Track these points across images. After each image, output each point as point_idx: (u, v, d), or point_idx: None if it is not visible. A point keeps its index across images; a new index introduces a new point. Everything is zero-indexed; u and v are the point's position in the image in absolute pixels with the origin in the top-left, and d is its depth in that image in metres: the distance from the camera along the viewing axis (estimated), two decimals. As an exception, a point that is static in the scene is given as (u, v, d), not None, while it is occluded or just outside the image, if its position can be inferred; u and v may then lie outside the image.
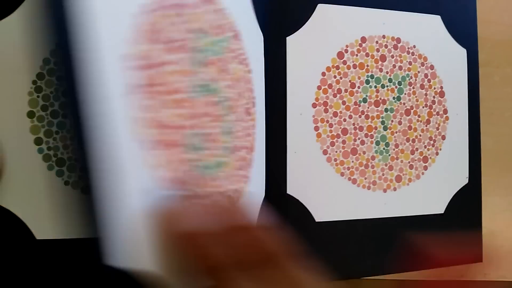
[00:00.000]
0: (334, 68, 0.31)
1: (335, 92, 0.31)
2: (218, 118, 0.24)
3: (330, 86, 0.31)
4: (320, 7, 0.31)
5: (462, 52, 0.35)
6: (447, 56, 0.35)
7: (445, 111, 0.35)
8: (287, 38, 0.30)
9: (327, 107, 0.31)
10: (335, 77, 0.31)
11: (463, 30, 0.35)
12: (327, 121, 0.31)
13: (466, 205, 0.35)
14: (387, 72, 0.33)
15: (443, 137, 0.35)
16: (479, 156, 0.36)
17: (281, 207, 0.30)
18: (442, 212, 0.35)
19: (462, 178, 0.35)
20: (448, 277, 0.40)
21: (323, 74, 0.31)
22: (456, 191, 0.35)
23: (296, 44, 0.30)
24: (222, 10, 0.25)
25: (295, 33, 0.30)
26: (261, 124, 0.29)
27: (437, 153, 0.35)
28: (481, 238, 0.36)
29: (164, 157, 0.22)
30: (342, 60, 0.31)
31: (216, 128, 0.24)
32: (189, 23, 0.24)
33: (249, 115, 0.27)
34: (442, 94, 0.35)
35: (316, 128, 0.31)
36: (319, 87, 0.31)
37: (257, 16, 0.29)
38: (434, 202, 0.35)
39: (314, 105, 0.31)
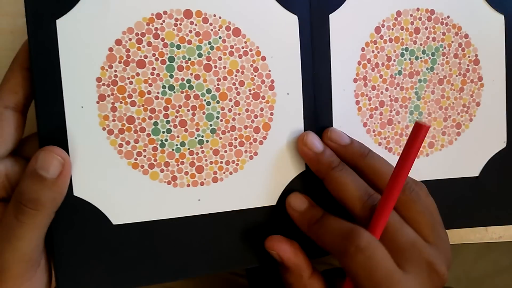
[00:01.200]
0: (372, 43, 0.32)
1: (373, 66, 0.33)
2: (198, 107, 0.29)
3: (369, 60, 0.33)
4: (359, -17, 0.32)
5: (499, 19, 0.36)
6: (482, 24, 0.35)
7: (480, 78, 0.36)
8: (330, 15, 0.31)
9: (366, 81, 0.33)
10: (373, 51, 0.33)
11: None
12: (367, 95, 0.33)
13: (504, 168, 0.37)
14: (420, 44, 0.34)
15: (478, 104, 0.36)
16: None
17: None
18: (477, 175, 0.36)
19: (499, 143, 0.37)
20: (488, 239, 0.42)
21: (363, 49, 0.32)
22: (492, 155, 0.36)
23: (338, 21, 0.31)
24: (210, 16, 0.29)
25: (337, 10, 0.31)
26: (292, 104, 0.31)
27: (471, 119, 0.36)
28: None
29: (129, 138, 0.28)
30: (379, 35, 0.33)
31: (195, 115, 0.29)
32: (166, 40, 0.28)
33: (258, 99, 0.30)
34: (476, 62, 0.36)
35: (357, 102, 0.32)
36: (359, 62, 0.32)
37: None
38: (468, 166, 0.36)
39: (355, 80, 0.32)
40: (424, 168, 0.35)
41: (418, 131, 0.25)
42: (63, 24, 0.27)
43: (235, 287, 0.60)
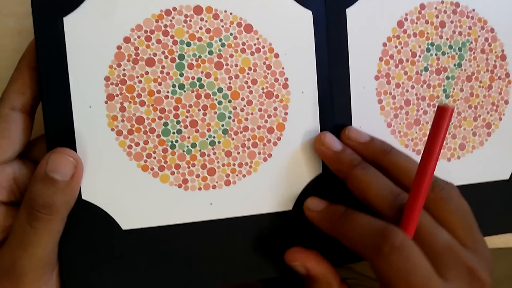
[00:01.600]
0: (395, 38, 0.31)
1: (397, 62, 0.31)
2: (209, 107, 0.28)
3: (391, 56, 0.31)
4: (378, -25, 0.30)
5: None
6: (508, 18, 0.33)
7: (507, 75, 0.34)
8: (347, 9, 0.29)
9: (390, 78, 0.31)
10: (396, 47, 0.31)
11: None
12: (390, 93, 0.31)
13: None
14: (447, 39, 0.32)
15: (506, 102, 0.34)
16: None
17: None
18: (508, 178, 0.34)
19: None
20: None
21: (384, 44, 0.31)
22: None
23: (356, 15, 0.30)
24: (221, 12, 0.28)
25: (355, 4, 0.30)
26: (307, 103, 0.29)
27: (500, 119, 0.34)
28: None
29: (139, 140, 0.27)
30: (402, 29, 0.31)
31: (206, 114, 0.28)
32: (175, 37, 0.27)
33: (272, 97, 0.29)
34: (503, 57, 0.33)
35: (380, 101, 0.31)
36: (380, 59, 0.31)
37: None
38: (499, 168, 0.34)
39: (376, 78, 0.31)
40: (456, 171, 0.33)
41: (442, 115, 0.24)
42: (70, 22, 0.26)
43: (247, 285, 0.59)
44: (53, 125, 0.26)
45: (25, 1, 0.30)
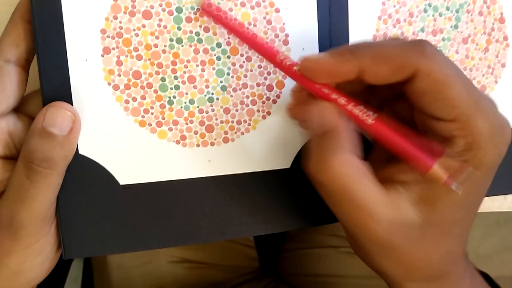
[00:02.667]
0: (394, -3, 0.30)
1: (395, 22, 0.31)
2: (207, 62, 0.28)
3: (390, 16, 0.31)
4: None
5: None
6: (509, -21, 0.33)
7: (505, 38, 0.34)
8: (347, -35, 0.29)
9: (387, 37, 0.31)
10: (394, 6, 0.31)
11: None
12: (387, 52, 0.31)
13: None
14: (444, 0, 0.32)
15: (503, 65, 0.34)
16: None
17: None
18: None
19: (525, 106, 0.35)
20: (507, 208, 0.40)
21: (383, 3, 0.30)
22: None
23: (357, -28, 0.29)
24: None
25: (355, -41, 0.29)
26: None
27: (496, 82, 0.34)
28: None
29: (136, 94, 0.27)
30: (401, -12, 0.31)
31: (205, 70, 0.27)
32: None
33: None
34: (502, 20, 0.33)
35: (377, 59, 0.31)
36: (379, 18, 0.30)
37: None
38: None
39: (374, 37, 0.30)
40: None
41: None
42: None
43: (245, 258, 0.59)
44: (48, 78, 0.26)
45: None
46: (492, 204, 0.42)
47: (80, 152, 0.27)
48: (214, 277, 0.56)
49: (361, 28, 0.30)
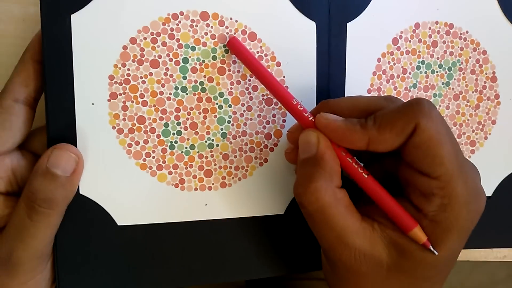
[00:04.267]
0: (389, 54, 0.32)
1: (388, 78, 0.32)
2: (210, 110, 0.29)
3: (384, 72, 0.32)
4: (378, -7, 0.31)
5: None
6: (502, 41, 0.35)
7: (497, 96, 0.35)
8: (348, 24, 0.31)
9: (380, 92, 0.32)
10: (389, 63, 0.32)
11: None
12: (381, 106, 0.32)
13: None
14: (437, 58, 0.33)
15: (493, 122, 0.35)
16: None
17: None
18: (490, 195, 0.35)
19: (513, 163, 0.36)
20: (492, 258, 0.41)
21: (379, 60, 0.32)
22: (506, 176, 0.36)
23: (355, 30, 0.31)
24: (227, 19, 0.29)
25: (355, 19, 0.31)
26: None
27: (485, 138, 0.35)
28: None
29: (139, 139, 0.28)
30: (396, 46, 0.32)
31: (207, 118, 0.29)
32: (181, 41, 0.28)
33: (271, 104, 0.30)
34: (494, 79, 0.35)
35: (371, 113, 0.32)
36: (374, 73, 0.32)
37: (317, 4, 0.29)
38: (482, 185, 0.35)
39: (369, 91, 0.32)
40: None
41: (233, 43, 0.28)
42: (78, 19, 0.26)
43: (231, 284, 0.59)
44: (55, 120, 0.27)
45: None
46: (479, 253, 0.43)
47: (81, 192, 0.27)
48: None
49: (357, 82, 0.31)
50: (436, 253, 0.24)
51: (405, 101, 0.25)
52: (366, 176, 0.25)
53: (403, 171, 0.26)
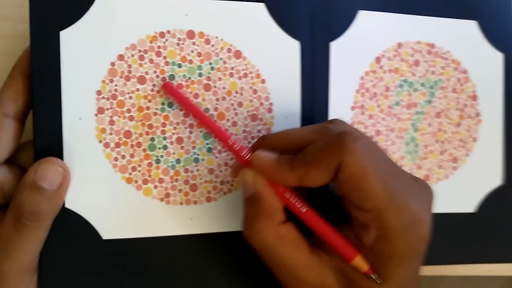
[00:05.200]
0: (372, 73, 0.33)
1: (371, 95, 0.33)
2: (195, 125, 0.30)
3: (367, 90, 0.33)
4: (361, 13, 0.33)
5: (498, 57, 0.36)
6: (482, 61, 0.36)
7: (478, 114, 0.36)
8: (331, 43, 0.31)
9: (363, 109, 0.33)
10: (372, 81, 0.33)
11: (500, 34, 0.36)
12: (363, 123, 0.33)
13: (500, 205, 0.37)
14: (420, 77, 0.34)
15: (475, 139, 0.36)
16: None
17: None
18: (473, 211, 0.36)
19: (496, 179, 0.37)
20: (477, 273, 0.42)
21: (362, 78, 0.33)
22: (488, 192, 0.36)
23: (339, 49, 0.32)
24: (212, 38, 0.30)
25: (339, 38, 0.32)
26: (291, 126, 0.31)
27: (467, 155, 0.36)
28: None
29: (125, 153, 0.28)
30: (379, 65, 0.33)
31: (192, 133, 0.29)
32: (167, 58, 0.29)
33: (256, 120, 0.31)
34: (474, 97, 0.36)
35: (354, 130, 0.33)
36: (357, 91, 0.33)
37: (301, 24, 0.30)
38: (464, 201, 0.36)
39: (352, 108, 0.33)
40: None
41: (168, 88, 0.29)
42: (66, 36, 0.27)
43: None
44: (42, 134, 0.27)
45: (20, 6, 0.31)
46: (462, 268, 0.43)
47: (66, 205, 0.28)
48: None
49: (341, 100, 0.32)
50: (379, 282, 0.25)
51: (336, 132, 0.26)
52: (304, 210, 0.26)
53: (343, 202, 0.26)
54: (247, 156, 0.27)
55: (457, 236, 0.36)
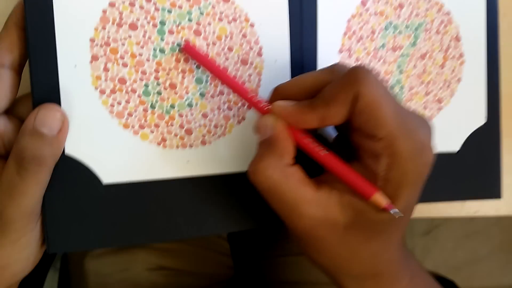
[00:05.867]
0: (358, 15, 0.34)
1: (358, 38, 0.34)
2: (188, 71, 0.30)
3: (354, 32, 0.34)
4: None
5: None
6: (464, 2, 0.37)
7: (461, 55, 0.37)
8: (318, -15, 0.32)
9: (351, 52, 0.34)
10: (358, 24, 0.34)
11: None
12: (350, 66, 0.34)
13: (483, 144, 0.38)
14: (404, 19, 0.35)
15: (459, 80, 0.37)
16: (498, 98, 0.38)
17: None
18: (457, 150, 0.38)
19: (479, 119, 0.38)
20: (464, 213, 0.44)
21: (349, 21, 0.33)
22: (472, 131, 0.38)
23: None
24: None
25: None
26: (280, 71, 0.32)
27: (452, 95, 0.37)
28: (500, 175, 0.39)
29: (121, 99, 0.29)
30: (365, 8, 0.34)
31: (185, 78, 0.30)
32: (157, 4, 0.29)
33: (247, 64, 0.31)
34: (458, 38, 0.37)
35: (341, 72, 0.34)
36: (344, 34, 0.33)
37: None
38: (449, 141, 0.38)
39: (340, 51, 0.33)
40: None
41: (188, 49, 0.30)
42: None
43: (221, 266, 0.61)
44: (39, 82, 0.28)
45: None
46: (452, 209, 0.45)
47: (66, 152, 0.29)
48: (190, 285, 0.57)
49: (328, 43, 0.33)
50: (397, 216, 0.26)
51: (346, 69, 0.26)
52: (323, 154, 0.27)
53: (354, 136, 0.27)
54: (267, 107, 0.28)
55: (443, 175, 0.38)
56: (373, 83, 0.25)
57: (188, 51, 0.30)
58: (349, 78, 0.25)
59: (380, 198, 0.26)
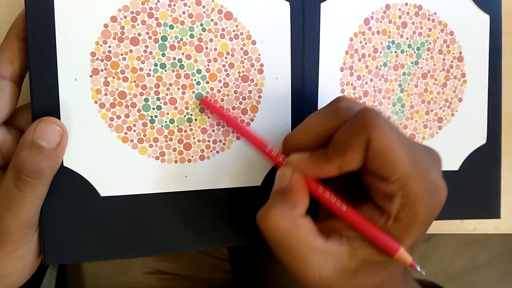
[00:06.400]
0: (361, 34, 0.34)
1: (360, 56, 0.34)
2: (188, 86, 0.30)
3: (356, 51, 0.34)
4: (351, -25, 0.33)
5: (484, 18, 0.37)
6: (468, 23, 0.37)
7: (463, 75, 0.37)
8: (321, 4, 0.32)
9: (352, 70, 0.34)
10: (360, 42, 0.34)
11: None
12: (352, 84, 0.34)
13: (483, 164, 0.38)
14: (407, 38, 0.35)
15: (460, 100, 0.37)
16: (500, 118, 0.38)
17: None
18: (457, 169, 0.38)
19: (479, 139, 0.38)
20: (463, 231, 0.44)
21: (351, 39, 0.33)
22: (472, 150, 0.38)
23: (329, 10, 0.32)
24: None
25: None
26: (280, 88, 0.32)
27: (452, 114, 0.37)
28: (499, 195, 0.39)
29: (120, 113, 0.29)
30: (367, 26, 0.34)
31: (185, 93, 0.30)
32: (159, 19, 0.29)
33: (247, 81, 0.31)
34: (460, 59, 0.37)
35: (342, 91, 0.34)
36: (346, 52, 0.33)
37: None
38: (449, 160, 0.37)
39: (341, 69, 0.33)
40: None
41: (207, 104, 0.30)
42: None
43: (218, 271, 0.61)
44: (39, 95, 0.28)
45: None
46: (450, 226, 0.45)
47: (65, 164, 0.29)
48: (187, 289, 0.57)
49: (330, 61, 0.33)
50: (424, 273, 0.26)
51: (350, 111, 0.27)
52: (345, 208, 0.27)
53: (366, 177, 0.27)
54: (285, 161, 0.28)
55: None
56: (382, 126, 0.25)
57: (205, 104, 0.30)
58: (359, 123, 0.25)
59: (405, 256, 0.26)
